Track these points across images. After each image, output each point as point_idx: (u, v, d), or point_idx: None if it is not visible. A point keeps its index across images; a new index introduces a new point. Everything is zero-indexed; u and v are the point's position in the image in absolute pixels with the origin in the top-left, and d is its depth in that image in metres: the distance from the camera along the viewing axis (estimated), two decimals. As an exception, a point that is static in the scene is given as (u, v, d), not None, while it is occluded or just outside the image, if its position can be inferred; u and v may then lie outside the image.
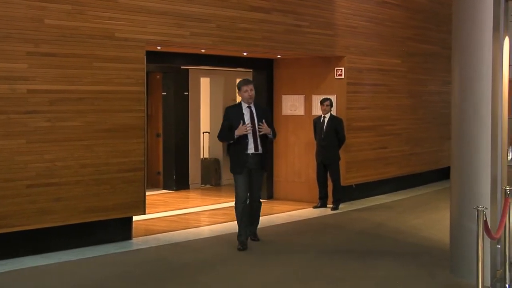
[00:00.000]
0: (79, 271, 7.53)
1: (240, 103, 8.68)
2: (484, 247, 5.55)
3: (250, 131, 8.37)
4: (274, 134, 8.75)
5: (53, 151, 8.05)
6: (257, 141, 8.44)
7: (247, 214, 8.54)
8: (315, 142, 11.64)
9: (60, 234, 8.26)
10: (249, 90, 8.47)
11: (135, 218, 9.22)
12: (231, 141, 8.48)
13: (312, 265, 7.72)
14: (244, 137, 8.37)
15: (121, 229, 8.94)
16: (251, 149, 8.40)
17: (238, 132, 8.35)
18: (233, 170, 8.55)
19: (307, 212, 11.39)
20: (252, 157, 8.43)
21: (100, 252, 8.29)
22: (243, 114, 8.46)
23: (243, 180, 8.45)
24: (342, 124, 11.57)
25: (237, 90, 8.89)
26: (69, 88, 8.18)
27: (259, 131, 8.43)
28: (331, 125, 11.41)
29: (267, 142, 8.79)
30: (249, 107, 8.52)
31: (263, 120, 8.49)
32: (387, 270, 7.49)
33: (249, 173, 8.48)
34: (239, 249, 8.34)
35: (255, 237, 8.88)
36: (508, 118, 7.77)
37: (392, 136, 13.58)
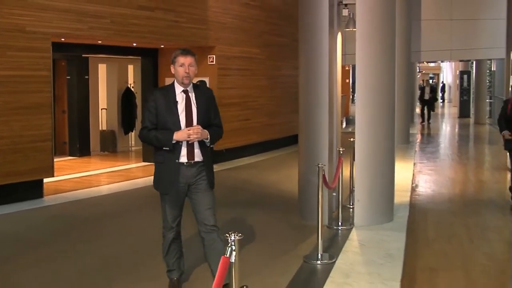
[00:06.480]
0: (-3, 226, 7.33)
1: (172, 85, 4.69)
2: (323, 195, 5.69)
3: (196, 140, 4.51)
4: (219, 134, 4.73)
5: (-27, 126, 7.74)
6: (192, 145, 4.54)
7: (179, 244, 4.90)
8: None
9: (-19, 195, 7.99)
10: (187, 64, 4.66)
11: (45, 180, 9.03)
12: (166, 148, 4.52)
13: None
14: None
15: (33, 189, 8.74)
16: (183, 157, 4.53)
17: (179, 136, 4.47)
18: (157, 187, 4.70)
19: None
20: (187, 169, 4.57)
21: (14, 209, 8.08)
22: (176, 102, 4.56)
23: (172, 204, 4.66)
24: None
25: (171, 65, 4.76)
26: (-14, 73, 7.87)
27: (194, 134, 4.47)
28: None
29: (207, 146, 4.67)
30: (185, 91, 4.61)
31: (200, 117, 4.60)
32: (255, 217, 7.60)
33: (186, 193, 4.67)
34: None
35: None
36: (342, 96, 8.12)
37: (254, 110, 13.83)
